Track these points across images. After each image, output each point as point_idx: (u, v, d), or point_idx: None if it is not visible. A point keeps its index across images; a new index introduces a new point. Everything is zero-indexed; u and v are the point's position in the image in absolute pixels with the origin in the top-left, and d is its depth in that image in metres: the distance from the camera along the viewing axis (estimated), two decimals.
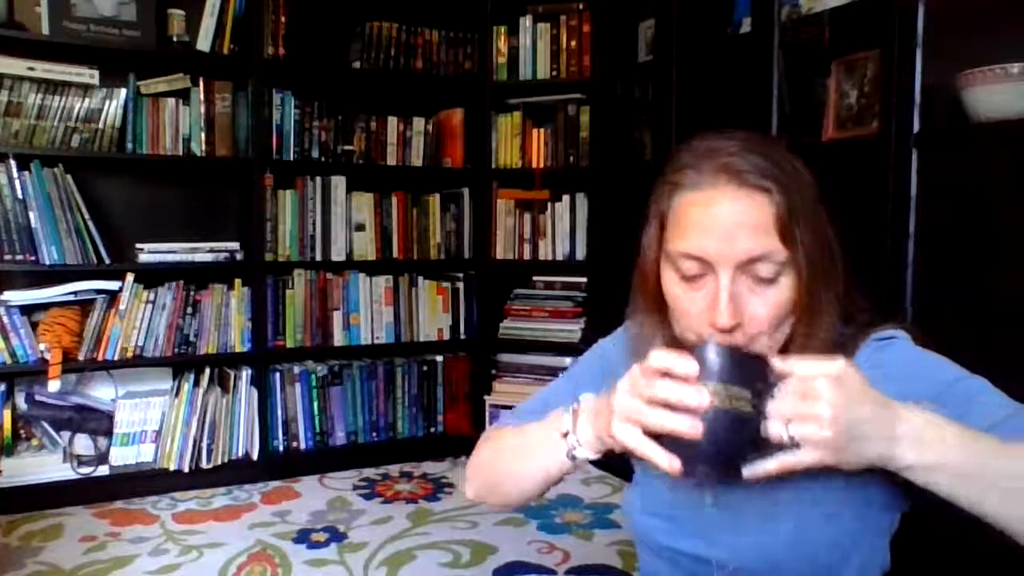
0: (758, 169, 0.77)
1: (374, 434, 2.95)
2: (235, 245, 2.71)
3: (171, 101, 2.63)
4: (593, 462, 0.96)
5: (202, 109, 2.65)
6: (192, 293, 2.62)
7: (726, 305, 0.76)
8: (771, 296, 0.77)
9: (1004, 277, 1.55)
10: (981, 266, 1.58)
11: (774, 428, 0.66)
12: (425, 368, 3.05)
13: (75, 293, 2.49)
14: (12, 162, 2.36)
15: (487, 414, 3.10)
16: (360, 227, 2.94)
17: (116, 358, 2.52)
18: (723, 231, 0.76)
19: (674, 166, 0.82)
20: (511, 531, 2.30)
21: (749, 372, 0.68)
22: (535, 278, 3.20)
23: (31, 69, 2.39)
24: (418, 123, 3.04)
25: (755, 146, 0.79)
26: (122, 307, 2.51)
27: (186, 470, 2.59)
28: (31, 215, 2.38)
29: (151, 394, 2.62)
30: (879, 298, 1.67)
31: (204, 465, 2.62)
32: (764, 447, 0.67)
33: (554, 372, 3.07)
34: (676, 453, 0.69)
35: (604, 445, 0.79)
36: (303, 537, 2.24)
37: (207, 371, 2.67)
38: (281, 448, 2.79)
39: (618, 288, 3.23)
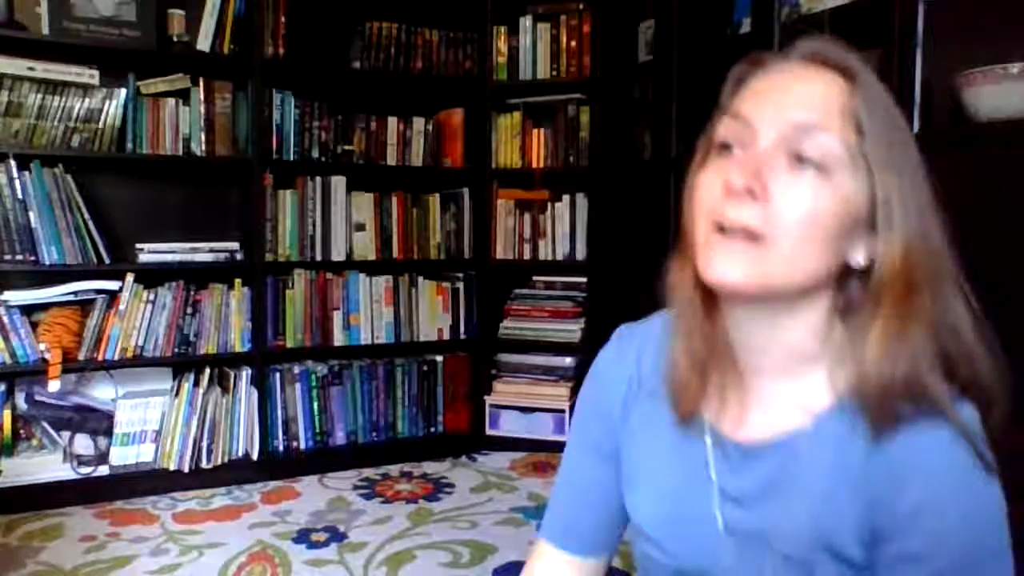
0: (844, 54, 0.65)
1: (374, 434, 2.95)
2: (235, 245, 2.71)
3: (171, 101, 2.62)
4: None
5: (202, 109, 2.64)
6: (192, 293, 2.62)
7: (745, 161, 0.63)
8: (813, 188, 0.62)
9: (1005, 278, 1.54)
10: (982, 267, 1.58)
11: None
12: (425, 368, 3.05)
13: (75, 293, 2.49)
14: (12, 162, 2.36)
15: (487, 414, 3.10)
16: (360, 227, 2.94)
17: (116, 358, 2.52)
18: (776, 95, 0.64)
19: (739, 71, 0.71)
20: (511, 531, 2.30)
21: None
22: (535, 278, 3.20)
23: (31, 69, 2.39)
24: (418, 123, 3.03)
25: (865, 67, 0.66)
26: (122, 307, 2.51)
27: (186, 470, 2.59)
28: (31, 215, 2.38)
29: (151, 394, 2.62)
30: None
31: (204, 465, 2.62)
32: None
33: (554, 372, 3.07)
34: None
35: None
36: (303, 537, 2.24)
37: (207, 371, 2.67)
38: (281, 448, 2.79)
39: (618, 288, 3.21)
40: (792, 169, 0.62)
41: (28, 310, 2.45)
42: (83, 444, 2.53)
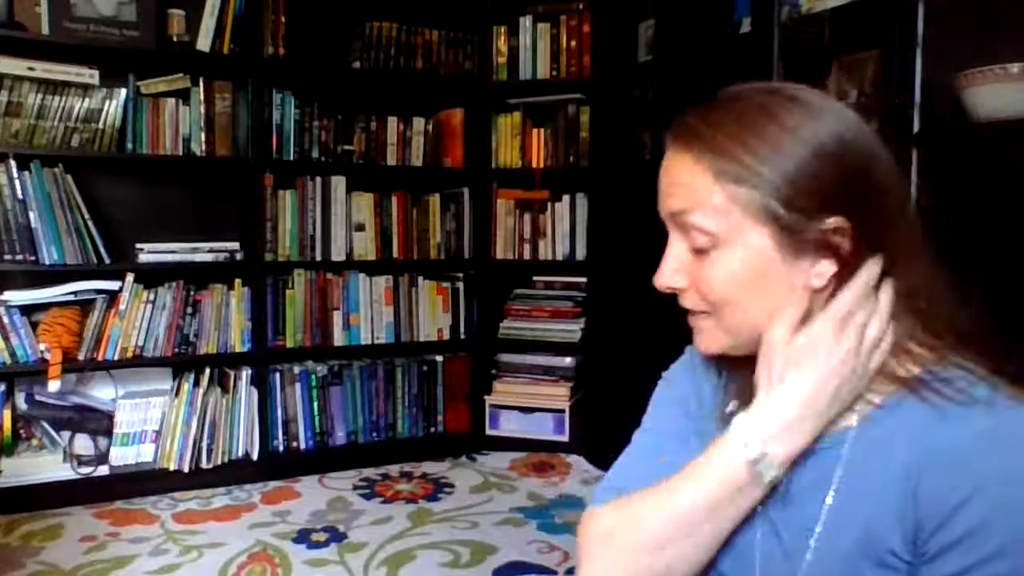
0: (691, 128, 0.70)
1: (374, 434, 2.95)
2: (235, 245, 2.71)
3: (171, 101, 2.63)
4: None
5: (202, 109, 2.64)
6: (192, 293, 2.62)
7: (664, 263, 0.71)
8: (717, 262, 0.68)
9: (1005, 277, 1.54)
10: (982, 266, 1.58)
11: None
12: (425, 368, 3.05)
13: (75, 293, 2.49)
14: (12, 162, 2.36)
15: (487, 414, 3.10)
16: (360, 227, 2.94)
17: (116, 358, 2.52)
18: (661, 186, 0.72)
19: None
20: (511, 531, 2.30)
21: None
22: (535, 278, 3.20)
23: (31, 69, 2.39)
24: (418, 123, 3.03)
25: (729, 106, 0.71)
26: (122, 307, 2.51)
27: (186, 470, 2.59)
28: (31, 215, 2.38)
29: (151, 394, 2.62)
30: None
31: (204, 465, 2.62)
32: None
33: (554, 372, 3.07)
34: None
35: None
36: (303, 537, 2.24)
37: (207, 371, 2.67)
38: (281, 448, 2.79)
39: (618, 288, 3.20)
40: (694, 252, 0.70)
41: (28, 310, 2.45)
42: (83, 444, 2.53)
